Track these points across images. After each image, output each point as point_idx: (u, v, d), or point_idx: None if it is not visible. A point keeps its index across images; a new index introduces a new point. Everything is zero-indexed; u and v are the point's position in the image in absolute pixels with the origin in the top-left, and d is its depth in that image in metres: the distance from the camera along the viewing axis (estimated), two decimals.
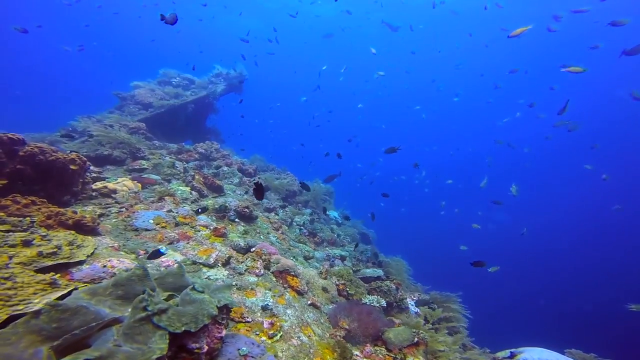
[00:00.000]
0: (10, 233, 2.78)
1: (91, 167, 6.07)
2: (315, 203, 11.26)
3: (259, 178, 6.26)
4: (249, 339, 2.86)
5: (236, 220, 6.23)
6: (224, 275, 4.20)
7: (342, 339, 3.93)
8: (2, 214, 3.06)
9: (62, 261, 2.80)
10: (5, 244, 2.58)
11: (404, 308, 6.02)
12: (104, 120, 9.84)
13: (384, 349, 3.90)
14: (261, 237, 6.17)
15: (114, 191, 5.79)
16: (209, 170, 9.16)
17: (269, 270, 4.83)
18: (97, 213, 4.60)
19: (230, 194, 7.77)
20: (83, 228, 3.65)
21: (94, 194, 5.35)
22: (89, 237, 3.50)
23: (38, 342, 1.66)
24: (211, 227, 5.38)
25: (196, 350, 2.15)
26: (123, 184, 6.07)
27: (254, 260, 4.75)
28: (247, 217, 6.42)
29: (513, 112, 23.88)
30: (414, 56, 29.93)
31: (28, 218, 3.13)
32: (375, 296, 5.47)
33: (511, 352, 5.85)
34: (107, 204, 5.07)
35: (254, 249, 5.10)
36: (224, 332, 2.47)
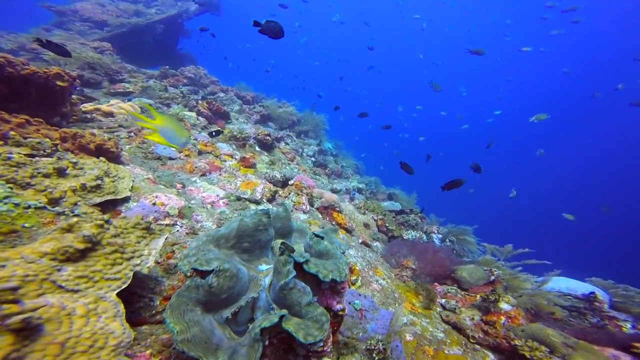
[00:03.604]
0: (35, 158, 1.96)
1: (77, 87, 4.96)
2: (315, 133, 10.55)
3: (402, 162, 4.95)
4: (350, 289, 2.39)
5: (257, 149, 5.47)
6: None
7: (410, 279, 3.59)
8: (13, 133, 2.17)
9: (108, 197, 2.06)
10: (38, 173, 1.78)
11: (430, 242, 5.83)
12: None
13: (456, 287, 3.61)
14: (286, 168, 5.50)
15: (110, 114, 4.79)
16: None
17: (312, 205, 4.27)
18: (106, 137, 3.71)
19: (236, 122, 6.87)
20: (106, 154, 2.82)
21: (88, 116, 4.36)
22: (120, 166, 2.70)
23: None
24: (236, 157, 4.63)
25: (340, 312, 1.63)
26: (118, 106, 5.03)
27: (298, 194, 4.14)
28: (268, 146, 5.67)
29: None
30: None
31: (48, 139, 2.27)
32: (417, 232, 5.16)
33: (535, 282, 5.92)
34: (111, 128, 4.14)
35: (292, 181, 4.47)
36: (347, 286, 1.95)
